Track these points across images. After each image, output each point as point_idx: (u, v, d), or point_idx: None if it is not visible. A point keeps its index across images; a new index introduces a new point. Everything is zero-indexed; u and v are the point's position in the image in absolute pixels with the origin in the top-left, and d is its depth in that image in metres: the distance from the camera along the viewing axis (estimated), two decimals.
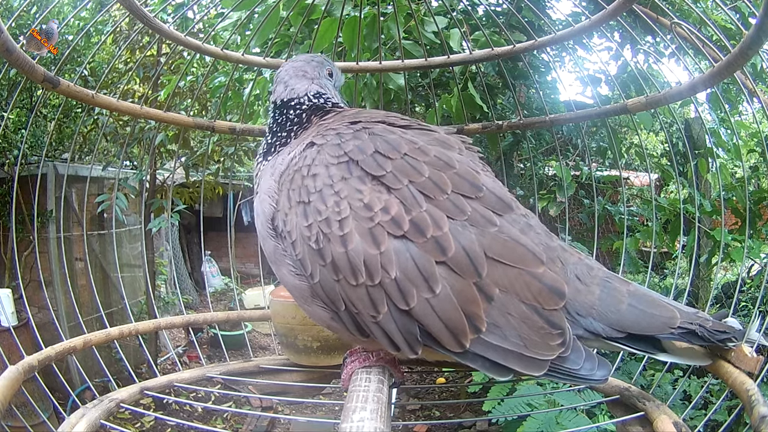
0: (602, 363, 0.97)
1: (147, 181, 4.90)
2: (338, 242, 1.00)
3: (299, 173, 1.09)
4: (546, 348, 0.94)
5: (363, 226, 0.99)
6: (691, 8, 3.05)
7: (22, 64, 1.40)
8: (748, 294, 3.71)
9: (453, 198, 1.02)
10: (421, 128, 1.20)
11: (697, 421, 2.48)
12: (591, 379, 0.97)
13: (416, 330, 0.97)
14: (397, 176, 1.03)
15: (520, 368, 0.94)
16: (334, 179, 1.05)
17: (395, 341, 0.98)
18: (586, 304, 1.01)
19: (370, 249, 0.98)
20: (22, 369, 1.29)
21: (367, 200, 1.01)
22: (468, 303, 0.95)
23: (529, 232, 1.06)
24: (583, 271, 1.06)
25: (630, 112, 1.73)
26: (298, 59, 1.42)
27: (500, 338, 0.95)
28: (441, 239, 0.97)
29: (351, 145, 1.08)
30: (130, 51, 4.91)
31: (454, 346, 0.95)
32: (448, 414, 4.70)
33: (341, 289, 1.00)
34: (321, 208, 1.03)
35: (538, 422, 2.61)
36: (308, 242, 1.03)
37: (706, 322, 1.02)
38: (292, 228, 1.06)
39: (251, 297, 7.62)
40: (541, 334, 0.95)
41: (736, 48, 1.22)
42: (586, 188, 4.50)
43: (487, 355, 0.95)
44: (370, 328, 1.00)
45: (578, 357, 0.96)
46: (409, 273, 0.96)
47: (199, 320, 2.01)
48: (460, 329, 0.94)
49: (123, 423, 4.08)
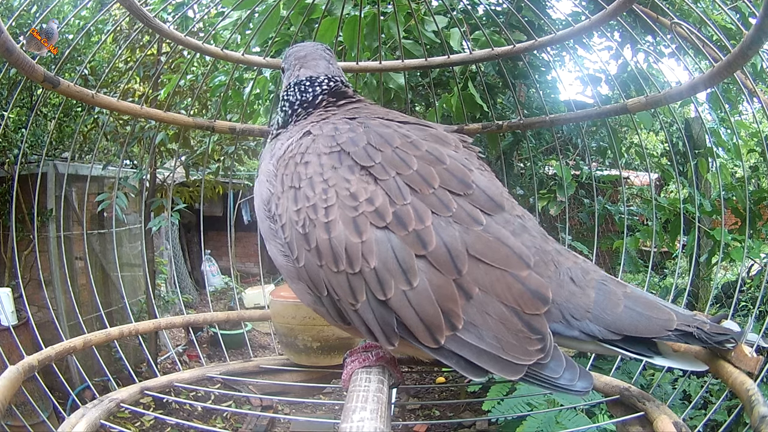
0: (584, 374, 0.95)
1: (147, 180, 4.90)
2: (323, 228, 1.01)
3: (293, 159, 1.12)
4: (523, 352, 0.93)
5: (347, 214, 1.01)
6: (691, 8, 3.04)
7: (22, 63, 1.40)
8: (748, 294, 3.72)
9: (439, 193, 1.02)
10: (418, 124, 1.20)
11: (697, 420, 2.48)
12: (570, 390, 0.94)
13: (393, 321, 0.97)
14: (385, 168, 1.04)
15: (495, 370, 0.93)
16: (324, 167, 1.07)
17: (372, 330, 0.99)
18: (581, 307, 1.00)
19: (352, 237, 0.99)
20: (22, 369, 1.29)
21: (354, 189, 1.03)
22: (445, 299, 0.95)
23: (522, 234, 1.05)
24: (578, 275, 1.05)
25: (630, 111, 1.73)
26: (310, 44, 1.46)
27: (476, 338, 0.94)
28: (422, 233, 0.97)
29: (345, 137, 1.10)
30: (131, 50, 4.91)
31: (429, 341, 0.95)
32: (448, 413, 4.70)
33: (324, 274, 1.02)
34: (310, 194, 1.05)
35: (538, 422, 2.61)
36: (296, 226, 1.05)
37: (704, 324, 1.02)
38: (283, 211, 1.09)
39: (251, 296, 7.62)
40: (519, 337, 0.94)
41: (736, 48, 1.22)
42: (586, 188, 4.50)
43: (462, 353, 0.94)
44: (350, 316, 1.02)
45: (558, 366, 0.94)
46: (388, 264, 0.97)
47: (199, 320, 2.02)
48: (436, 324, 0.94)
49: (123, 423, 4.08)
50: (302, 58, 1.39)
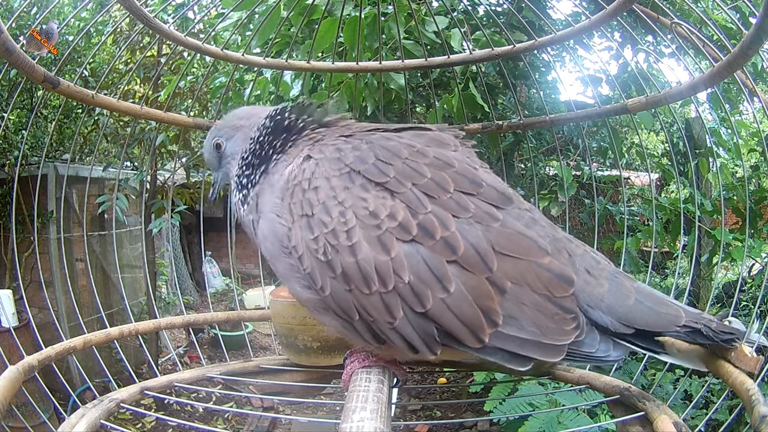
0: (617, 344, 0.99)
1: (147, 182, 4.90)
2: (347, 252, 1.00)
3: (299, 187, 1.08)
4: (562, 333, 0.96)
5: (371, 234, 1.00)
6: (691, 8, 3.04)
7: (22, 64, 1.40)
8: (749, 293, 3.72)
9: (456, 197, 1.03)
10: (414, 129, 1.20)
11: (698, 420, 2.48)
12: (608, 360, 0.99)
13: (434, 330, 0.98)
14: (400, 180, 1.04)
15: (539, 355, 0.95)
16: (336, 190, 1.04)
17: (414, 344, 0.99)
18: (595, 297, 1.02)
19: (380, 256, 0.98)
20: (22, 369, 1.29)
21: (373, 207, 1.01)
22: (482, 298, 0.96)
23: (534, 225, 1.07)
24: (591, 264, 1.07)
25: (630, 111, 1.73)
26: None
27: (517, 329, 0.96)
28: (450, 239, 0.98)
29: (351, 157, 1.08)
30: (131, 51, 4.91)
31: (474, 341, 0.96)
32: (450, 414, 4.70)
33: (354, 298, 1.00)
34: (326, 219, 1.02)
35: (540, 422, 2.61)
36: (316, 255, 1.02)
37: (711, 322, 1.03)
38: (298, 242, 1.05)
39: (252, 297, 7.61)
40: (555, 320, 0.96)
41: (736, 48, 1.22)
42: (587, 188, 4.50)
43: (506, 346, 0.96)
44: (387, 334, 1.01)
45: (593, 340, 0.98)
46: (422, 275, 0.97)
47: (200, 320, 2.01)
48: (478, 324, 0.96)
49: (123, 423, 4.08)
50: (247, 115, 1.32)
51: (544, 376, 1.67)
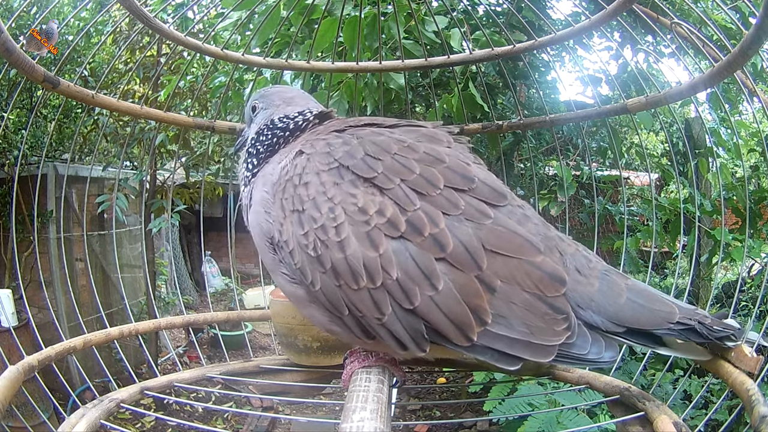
0: (609, 345, 0.98)
1: (147, 182, 4.90)
2: (336, 248, 1.00)
3: (291, 182, 1.09)
4: (552, 333, 0.95)
5: (359, 230, 1.00)
6: (691, 8, 3.04)
7: (22, 64, 1.40)
8: (749, 293, 3.72)
9: (446, 193, 1.02)
10: (408, 125, 1.20)
11: (697, 420, 2.48)
12: (600, 362, 0.97)
13: (422, 328, 0.97)
14: (388, 176, 1.03)
15: (528, 356, 0.94)
16: (326, 186, 1.05)
17: (402, 341, 0.99)
18: (586, 296, 1.01)
19: (368, 252, 0.98)
20: (22, 369, 1.29)
21: (362, 204, 1.01)
22: (471, 296, 0.95)
23: (527, 223, 1.06)
24: (582, 263, 1.06)
25: (630, 111, 1.73)
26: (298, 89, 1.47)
27: (506, 328, 0.95)
28: (439, 236, 0.98)
29: (341, 152, 1.08)
30: (130, 51, 4.91)
31: (462, 340, 0.96)
32: (449, 414, 4.71)
33: (343, 294, 1.00)
34: (316, 215, 1.03)
35: (539, 422, 2.61)
36: (306, 250, 1.03)
37: (705, 318, 1.02)
38: (289, 237, 1.06)
39: (251, 297, 7.61)
40: (546, 320, 0.95)
41: (736, 48, 1.22)
42: (587, 188, 4.50)
43: (495, 345, 0.95)
44: (376, 330, 1.01)
45: (584, 341, 0.96)
46: (410, 272, 0.96)
47: (199, 320, 2.01)
48: (466, 323, 0.95)
49: (123, 423, 4.08)
50: (289, 99, 1.36)
51: (543, 376, 1.67)
